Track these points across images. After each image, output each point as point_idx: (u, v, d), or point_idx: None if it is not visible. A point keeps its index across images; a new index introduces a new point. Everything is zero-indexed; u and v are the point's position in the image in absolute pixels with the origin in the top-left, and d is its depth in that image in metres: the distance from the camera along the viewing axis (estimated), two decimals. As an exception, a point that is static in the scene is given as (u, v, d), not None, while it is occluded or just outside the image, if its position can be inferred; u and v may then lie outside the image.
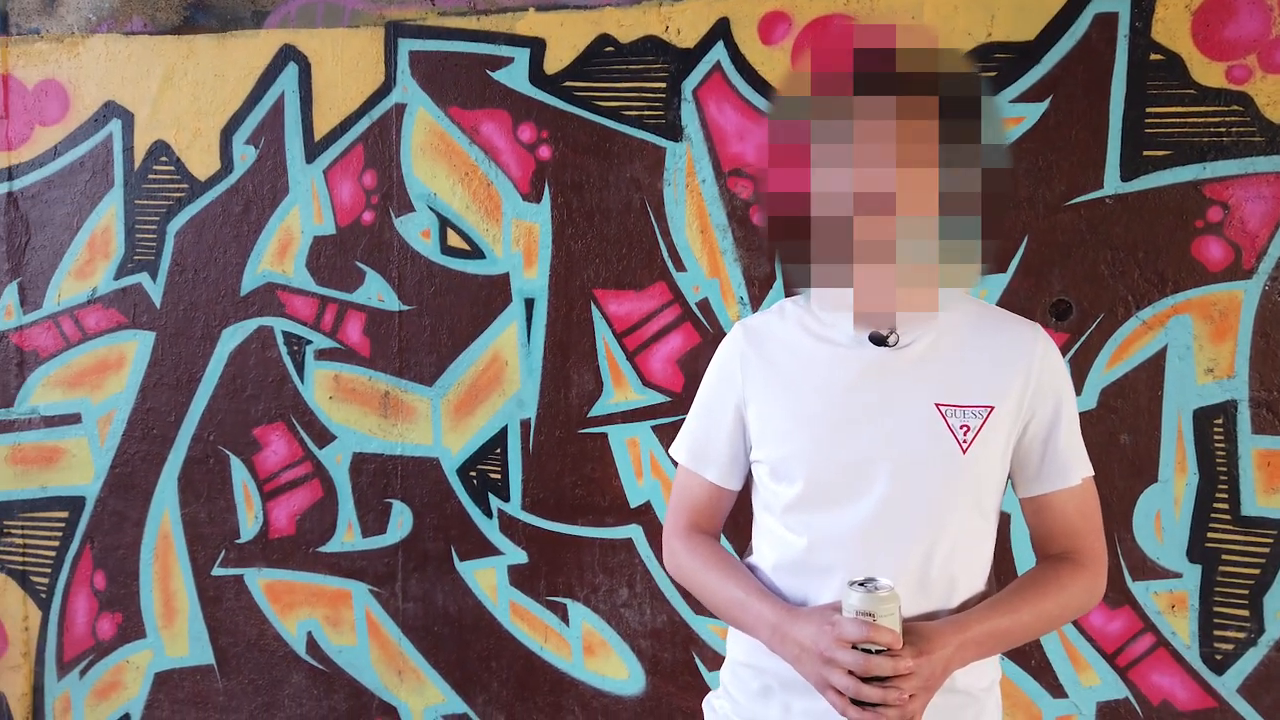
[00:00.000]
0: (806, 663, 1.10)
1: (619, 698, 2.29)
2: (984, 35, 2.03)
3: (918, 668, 1.05)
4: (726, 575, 1.24)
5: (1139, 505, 2.00)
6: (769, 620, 1.16)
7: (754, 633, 1.20)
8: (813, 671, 1.09)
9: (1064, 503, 1.21)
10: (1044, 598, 1.17)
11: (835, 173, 1.04)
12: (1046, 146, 2.01)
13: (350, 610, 2.41)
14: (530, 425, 2.30)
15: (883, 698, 1.04)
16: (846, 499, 1.16)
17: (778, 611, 1.16)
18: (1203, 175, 1.95)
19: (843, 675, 1.05)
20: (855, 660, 1.04)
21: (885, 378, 1.17)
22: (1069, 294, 2.02)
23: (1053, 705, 2.07)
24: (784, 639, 1.13)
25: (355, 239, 2.36)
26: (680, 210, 2.21)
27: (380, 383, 2.37)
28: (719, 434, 1.28)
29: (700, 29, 2.17)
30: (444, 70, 2.30)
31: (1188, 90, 1.94)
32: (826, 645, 1.07)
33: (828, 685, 1.07)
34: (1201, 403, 1.97)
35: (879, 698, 1.04)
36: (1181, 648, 2.00)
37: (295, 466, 2.42)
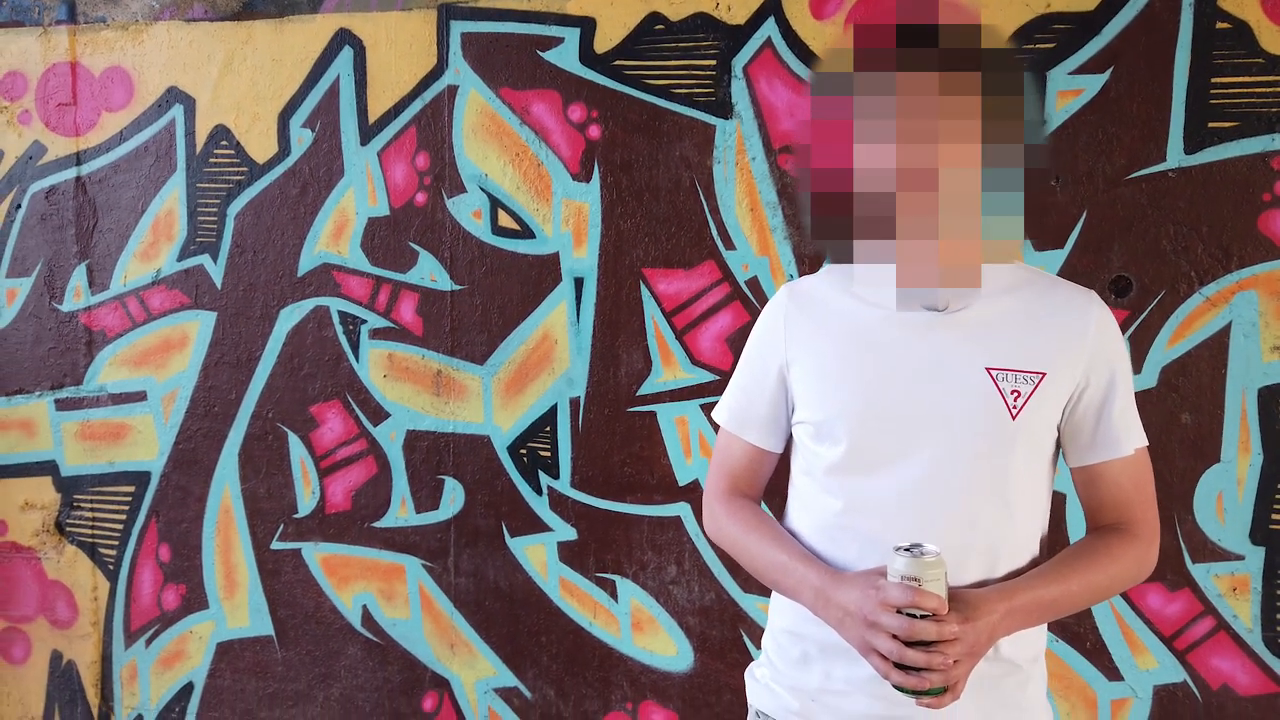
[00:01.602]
0: (850, 627, 1.10)
1: (667, 674, 2.30)
2: (1043, 6, 1.98)
3: (962, 633, 1.04)
4: (769, 539, 1.24)
5: (1200, 486, 1.95)
6: (813, 584, 1.16)
7: (796, 596, 1.20)
8: (856, 635, 1.09)
9: (1117, 473, 1.20)
10: (1093, 568, 1.16)
11: (878, 148, 1.03)
12: (1107, 119, 1.97)
13: (404, 584, 2.46)
14: (579, 404, 2.32)
15: (927, 662, 1.03)
16: (891, 461, 1.15)
17: (822, 575, 1.15)
18: (1271, 147, 1.89)
19: (886, 639, 1.05)
20: (900, 624, 1.04)
21: (935, 340, 1.16)
22: (1129, 270, 1.98)
23: (1108, 688, 2.03)
24: (828, 603, 1.13)
25: (408, 220, 2.40)
26: (730, 188, 2.21)
27: (433, 361, 2.41)
28: (761, 396, 1.28)
29: (751, 5, 2.16)
30: (495, 51, 2.31)
31: (1256, 59, 1.89)
32: (871, 609, 1.06)
33: (871, 649, 1.07)
34: (1267, 381, 1.91)
35: (924, 662, 1.03)
36: (1243, 631, 1.96)
37: (351, 443, 2.47)
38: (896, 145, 1.02)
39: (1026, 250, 2.02)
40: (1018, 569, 1.17)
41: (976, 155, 1.02)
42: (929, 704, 1.06)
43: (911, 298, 1.16)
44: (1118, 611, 2.01)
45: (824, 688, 1.21)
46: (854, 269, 1.21)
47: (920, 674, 1.04)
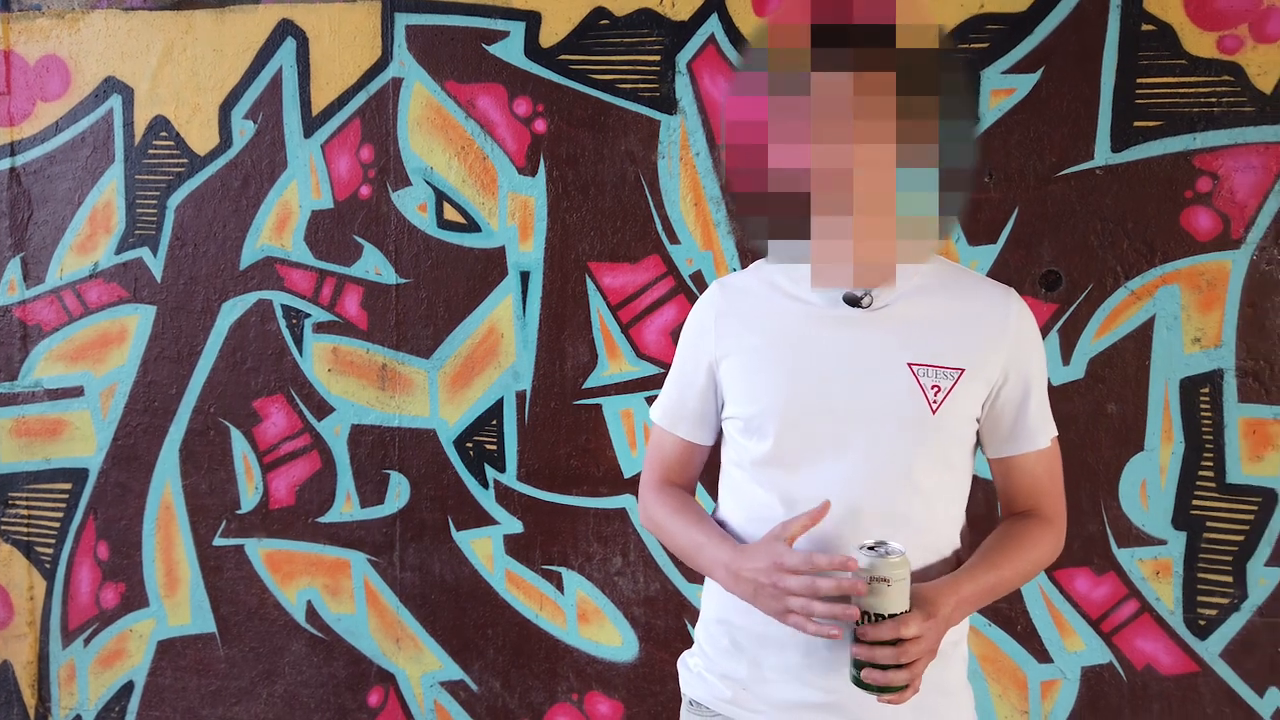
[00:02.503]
0: (762, 597, 1.12)
1: (612, 664, 2.32)
2: (976, 6, 2.03)
3: (924, 632, 1.07)
4: (689, 521, 1.27)
5: (1125, 473, 2.02)
6: (723, 560, 1.18)
7: (712, 574, 1.23)
8: (769, 604, 1.12)
9: (1033, 464, 1.24)
10: (1021, 554, 1.20)
11: (792, 149, 1.04)
12: (1038, 118, 2.02)
13: (349, 579, 2.45)
14: (526, 397, 2.33)
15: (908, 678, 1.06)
16: (817, 455, 1.17)
17: (730, 551, 1.18)
18: (1193, 146, 1.96)
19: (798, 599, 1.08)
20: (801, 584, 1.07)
21: (859, 336, 1.18)
22: (1059, 264, 2.03)
23: (1038, 670, 2.10)
24: (737, 577, 1.16)
25: (353, 213, 2.38)
26: (674, 183, 2.23)
27: (378, 355, 2.40)
28: (692, 391, 1.30)
29: (695, 1, 2.18)
30: (440, 44, 2.31)
31: (1179, 60, 1.95)
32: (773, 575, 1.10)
33: (786, 610, 1.09)
34: (1188, 372, 1.99)
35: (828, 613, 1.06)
36: (1165, 613, 2.03)
37: (294, 438, 2.45)
38: (810, 145, 1.04)
39: (960, 245, 2.07)
40: (943, 559, 1.20)
41: (891, 155, 1.03)
42: (891, 700, 1.09)
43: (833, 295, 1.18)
44: (1047, 595, 2.08)
45: (754, 676, 1.23)
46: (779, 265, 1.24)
47: (887, 672, 1.06)
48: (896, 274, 1.13)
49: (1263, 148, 1.92)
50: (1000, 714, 2.13)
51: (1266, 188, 1.93)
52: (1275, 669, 1.99)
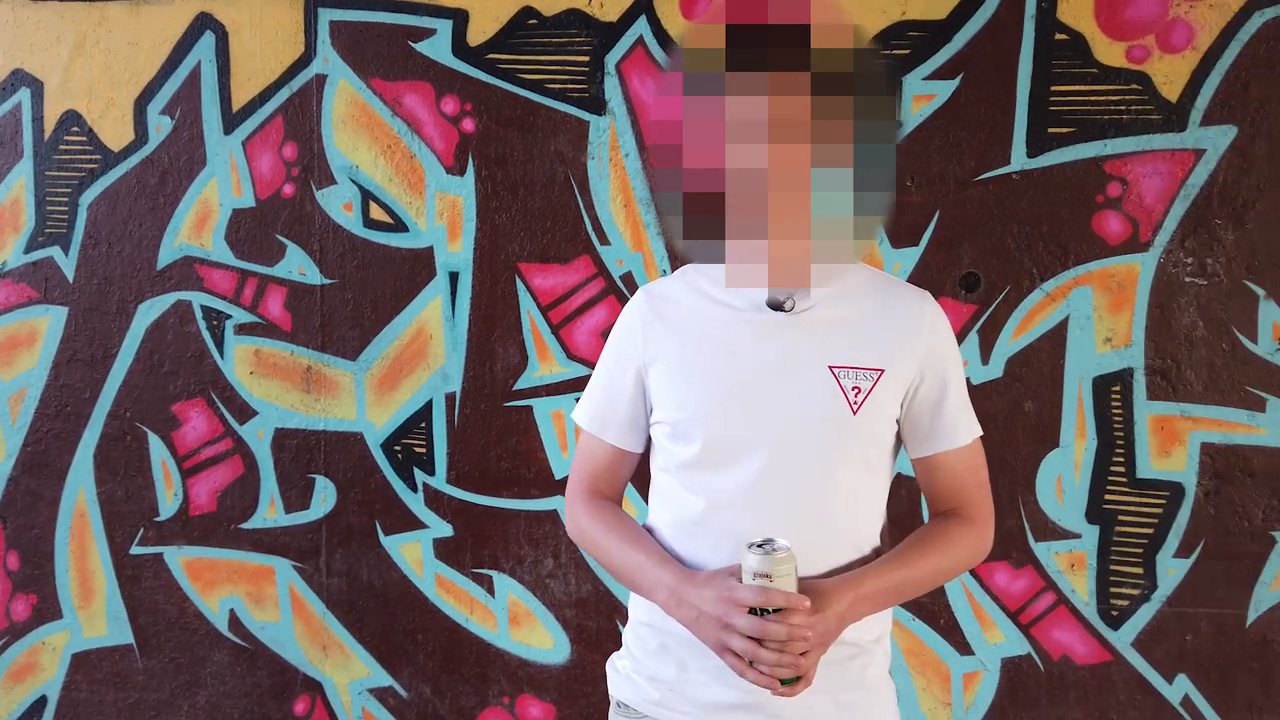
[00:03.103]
0: (704, 627, 1.12)
1: (544, 666, 2.31)
2: (898, 14, 2.07)
3: (812, 625, 1.08)
4: (627, 540, 1.25)
5: (1041, 469, 2.08)
6: (667, 584, 1.17)
7: (652, 596, 1.21)
8: (710, 636, 1.12)
9: (953, 463, 1.25)
10: (934, 553, 1.22)
11: (710, 149, 1.04)
12: (957, 123, 2.07)
13: (273, 586, 2.39)
14: (455, 399, 2.31)
15: (778, 660, 1.07)
16: (742, 457, 1.18)
17: (676, 575, 1.17)
18: (1103, 152, 2.02)
19: (740, 639, 1.08)
20: (752, 625, 1.07)
21: (782, 341, 1.19)
22: (978, 266, 2.09)
23: (960, 662, 2.15)
24: (681, 602, 1.15)
25: (275, 212, 2.33)
26: (604, 184, 2.23)
27: (302, 357, 2.35)
28: (620, 397, 1.30)
29: (623, 3, 2.18)
30: (365, 41, 2.27)
31: (1090, 69, 2.02)
32: (724, 610, 1.09)
33: (725, 649, 1.10)
34: (1100, 371, 2.05)
35: (775, 660, 1.07)
36: (1080, 605, 2.10)
37: (215, 443, 2.38)
38: (727, 145, 1.04)
39: (884, 248, 2.11)
40: (863, 557, 1.22)
41: (806, 156, 1.04)
42: (783, 693, 1.10)
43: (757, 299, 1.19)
44: (968, 590, 2.13)
45: (681, 678, 1.23)
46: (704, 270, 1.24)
47: (773, 669, 1.08)
48: (816, 275, 1.13)
49: (1169, 154, 2.00)
50: (924, 706, 2.17)
51: (1172, 193, 2.00)
52: (1184, 657, 2.07)
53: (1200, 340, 2.01)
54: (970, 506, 1.27)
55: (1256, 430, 2.00)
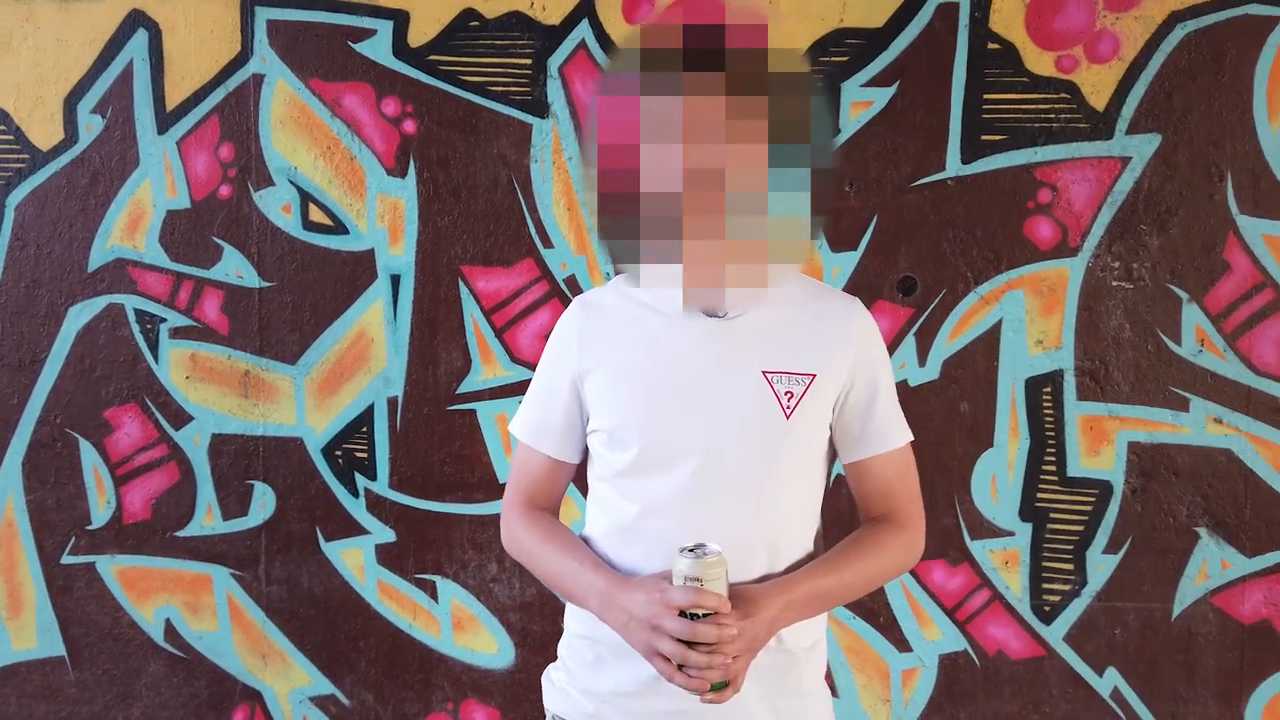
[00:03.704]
0: (634, 630, 1.11)
1: (488, 671, 2.30)
2: (836, 21, 2.10)
3: (742, 630, 1.07)
4: (561, 549, 1.24)
5: (977, 469, 2.13)
6: (599, 589, 1.17)
7: (584, 603, 1.20)
8: (640, 640, 1.11)
9: (883, 467, 1.26)
10: (865, 559, 1.22)
11: (664, 148, 1.04)
12: (894, 130, 2.10)
13: (211, 595, 2.35)
14: (397, 403, 2.29)
15: (708, 663, 1.06)
16: (676, 463, 1.18)
17: (608, 580, 1.17)
18: (1034, 159, 2.08)
19: (670, 642, 1.07)
20: (681, 627, 1.06)
21: (715, 346, 1.20)
22: (914, 270, 2.12)
23: (899, 659, 2.19)
24: (612, 606, 1.15)
25: (211, 213, 2.29)
26: (548, 187, 2.23)
27: (240, 361, 2.31)
28: (556, 408, 1.29)
29: (565, 6, 2.18)
30: (304, 41, 2.24)
31: (1021, 78, 2.07)
32: (654, 613, 1.08)
33: (655, 652, 1.09)
34: (1032, 372, 2.11)
35: (704, 664, 1.06)
36: (1014, 601, 2.15)
37: (150, 449, 2.33)
38: (683, 145, 1.03)
39: (823, 252, 2.14)
40: (796, 562, 1.22)
41: (763, 155, 1.04)
42: (712, 699, 1.09)
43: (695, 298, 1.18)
44: (907, 588, 2.17)
45: (616, 690, 1.23)
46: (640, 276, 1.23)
47: (702, 672, 1.07)
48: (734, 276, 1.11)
49: (1096, 161, 2.06)
50: (865, 704, 2.21)
51: (1100, 199, 2.06)
52: (1113, 650, 2.13)
53: (1127, 342, 2.07)
54: (901, 513, 1.27)
55: (1181, 429, 2.07)
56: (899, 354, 2.13)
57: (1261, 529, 2.07)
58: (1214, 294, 2.04)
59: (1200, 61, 2.01)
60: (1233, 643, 2.10)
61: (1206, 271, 2.04)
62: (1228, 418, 2.05)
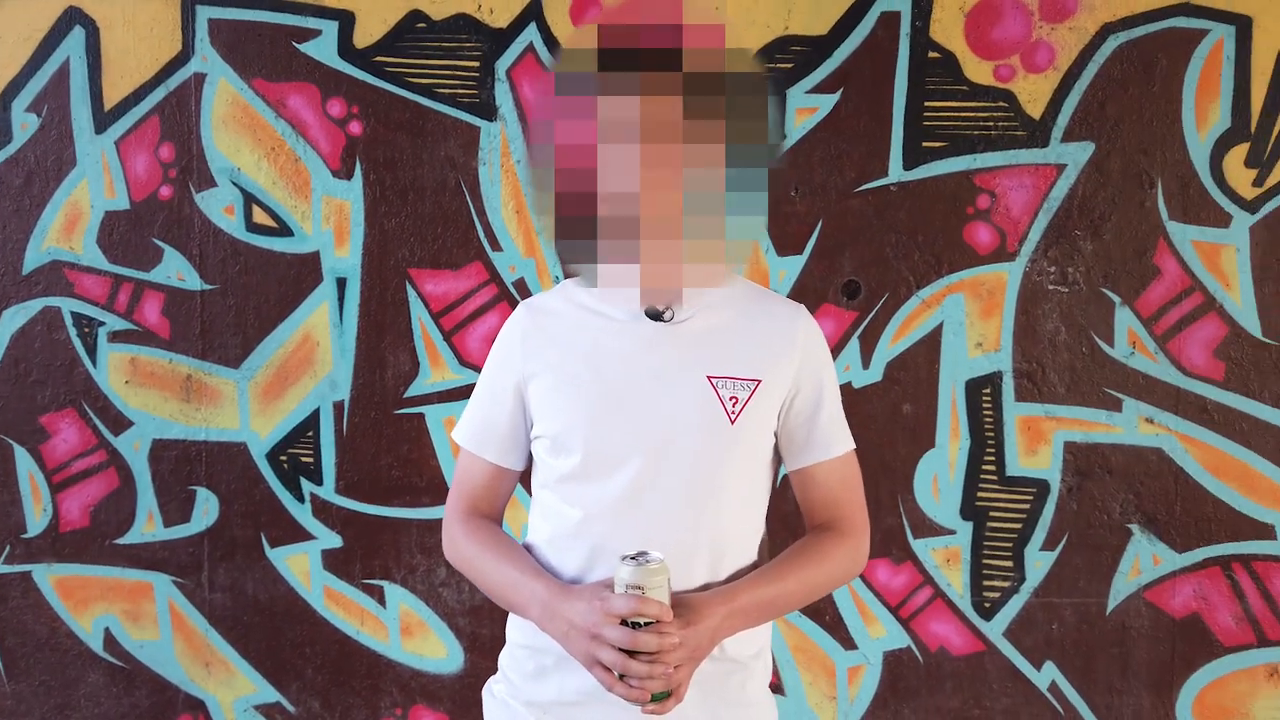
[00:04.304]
0: (575, 639, 1.10)
1: (437, 676, 2.29)
2: (781, 28, 2.13)
3: (684, 639, 1.07)
4: (502, 557, 1.22)
5: (919, 469, 2.17)
6: (540, 597, 1.15)
7: (525, 612, 1.19)
8: (580, 649, 1.10)
9: (827, 474, 1.26)
10: (809, 567, 1.22)
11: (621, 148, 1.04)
12: (838, 136, 2.14)
13: (152, 603, 2.31)
14: (344, 407, 2.26)
15: (649, 673, 1.05)
16: (620, 468, 1.18)
17: (549, 589, 1.15)
18: (973, 166, 2.12)
19: (610, 651, 1.06)
20: (622, 636, 1.05)
21: (660, 351, 1.19)
22: (858, 274, 2.16)
23: (845, 657, 2.22)
24: (553, 616, 1.13)
25: (152, 214, 2.25)
26: (496, 190, 2.22)
27: (182, 365, 2.27)
28: (500, 414, 1.27)
29: (513, 9, 2.17)
30: (247, 40, 2.21)
31: (961, 86, 2.11)
32: (595, 621, 1.07)
33: (595, 662, 1.08)
34: (972, 374, 2.15)
35: (645, 673, 1.05)
36: (956, 598, 2.19)
37: (88, 455, 2.28)
38: (641, 145, 1.03)
39: (770, 256, 2.16)
40: (739, 569, 1.22)
41: (720, 155, 1.04)
42: (654, 710, 1.08)
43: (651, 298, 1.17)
44: (852, 586, 2.20)
45: (558, 700, 1.22)
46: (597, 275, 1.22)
47: (643, 682, 1.06)
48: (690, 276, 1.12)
49: (1033, 168, 2.11)
50: (811, 701, 2.24)
51: (1036, 205, 2.11)
52: (1050, 644, 2.19)
53: (1063, 345, 2.13)
54: (846, 520, 1.27)
55: (1114, 429, 2.13)
56: (844, 356, 2.17)
57: (1191, 525, 2.13)
58: (1145, 298, 2.11)
59: (1131, 72, 2.08)
60: (1164, 636, 2.16)
61: (1138, 276, 2.10)
62: (1158, 417, 2.12)
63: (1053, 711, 2.19)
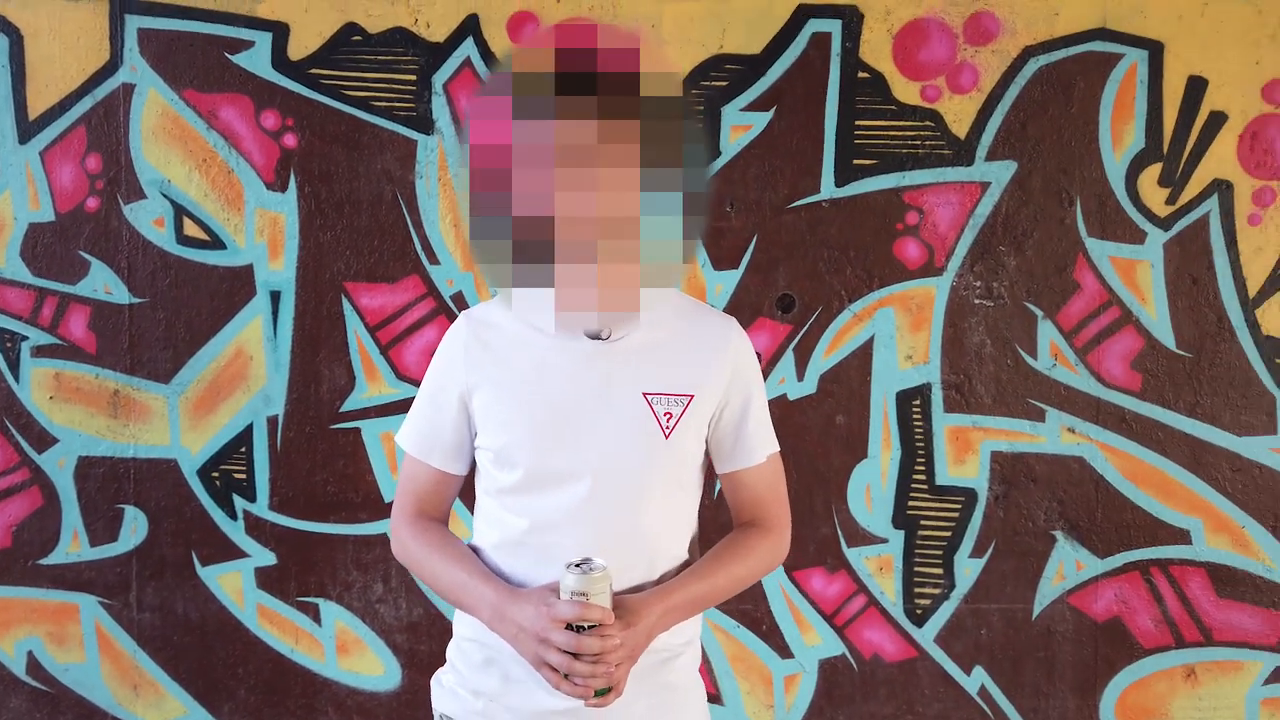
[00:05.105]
0: (523, 642, 1.16)
1: (374, 694, 2.27)
2: (716, 47, 2.17)
3: (624, 640, 1.13)
4: (451, 559, 1.27)
5: (852, 479, 2.21)
6: (490, 601, 1.20)
7: (475, 613, 1.24)
8: (529, 650, 1.15)
9: (754, 478, 1.33)
10: (735, 562, 1.30)
11: (537, 173, 1.05)
12: (772, 153, 2.18)
13: (77, 625, 2.25)
14: (278, 422, 2.24)
15: (591, 673, 1.12)
16: (563, 482, 1.23)
17: (499, 592, 1.20)
18: (902, 183, 2.18)
19: (557, 653, 1.12)
20: (567, 640, 1.11)
21: (598, 369, 1.23)
22: (793, 288, 2.20)
23: (781, 666, 2.25)
24: (503, 619, 1.18)
25: (78, 227, 2.20)
26: (433, 203, 2.22)
27: (109, 381, 2.22)
28: (445, 422, 1.30)
29: (450, 23, 2.18)
30: (177, 51, 2.18)
31: (890, 106, 2.17)
32: (543, 626, 1.13)
33: (543, 663, 1.14)
34: (902, 386, 2.21)
35: (589, 673, 1.12)
36: (889, 605, 2.24)
37: (9, 474, 2.22)
38: (555, 170, 1.05)
39: (706, 270, 2.19)
40: (673, 568, 1.28)
41: (635, 179, 1.07)
42: (596, 704, 1.15)
43: (574, 324, 1.21)
44: (788, 595, 2.23)
45: (504, 688, 1.27)
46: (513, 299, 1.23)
47: (586, 680, 1.13)
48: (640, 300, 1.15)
49: (959, 186, 2.17)
50: (749, 710, 2.26)
51: (962, 222, 2.18)
52: (979, 649, 2.24)
53: (989, 357, 2.19)
54: (770, 517, 1.35)
55: (1038, 439, 2.20)
56: (779, 369, 2.20)
57: (1111, 531, 2.21)
58: (1066, 311, 2.18)
59: (1051, 94, 2.15)
60: (1087, 639, 2.23)
61: (1059, 290, 2.18)
62: (1080, 427, 2.19)
63: (982, 715, 2.25)
